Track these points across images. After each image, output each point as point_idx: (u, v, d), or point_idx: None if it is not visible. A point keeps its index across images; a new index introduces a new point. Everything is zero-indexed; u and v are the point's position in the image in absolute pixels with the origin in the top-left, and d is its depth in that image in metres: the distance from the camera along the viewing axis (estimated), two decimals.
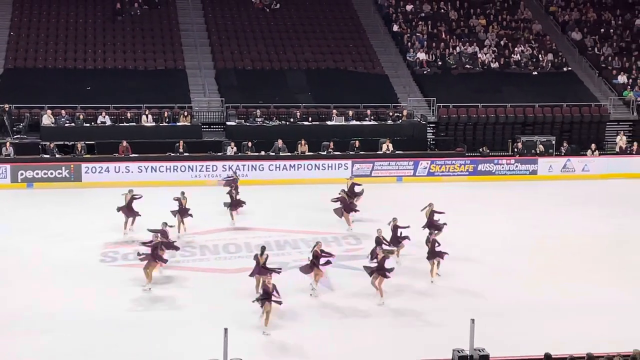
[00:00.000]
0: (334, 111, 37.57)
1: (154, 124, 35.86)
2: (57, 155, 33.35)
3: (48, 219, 27.96)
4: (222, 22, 44.21)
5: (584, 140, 38.95)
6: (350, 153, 35.07)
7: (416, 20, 45.33)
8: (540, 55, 43.62)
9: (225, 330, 15.01)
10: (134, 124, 35.81)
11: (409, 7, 46.32)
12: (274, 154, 34.49)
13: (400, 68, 42.53)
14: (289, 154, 34.60)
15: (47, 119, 34.91)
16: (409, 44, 43.45)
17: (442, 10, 46.64)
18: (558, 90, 41.15)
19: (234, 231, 26.68)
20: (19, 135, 34.66)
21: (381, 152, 35.31)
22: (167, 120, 36.04)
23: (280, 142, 34.64)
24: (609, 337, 18.00)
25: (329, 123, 37.20)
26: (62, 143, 34.18)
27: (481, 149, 37.01)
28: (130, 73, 39.76)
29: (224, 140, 35.73)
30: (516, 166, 35.77)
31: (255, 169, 33.18)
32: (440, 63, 42.48)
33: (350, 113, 37.48)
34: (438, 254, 22.08)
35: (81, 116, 35.41)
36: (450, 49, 43.36)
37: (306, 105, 38.51)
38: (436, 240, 22.22)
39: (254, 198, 28.28)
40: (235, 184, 28.34)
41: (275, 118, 37.18)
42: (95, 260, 23.69)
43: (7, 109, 35.15)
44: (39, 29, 42.00)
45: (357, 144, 35.24)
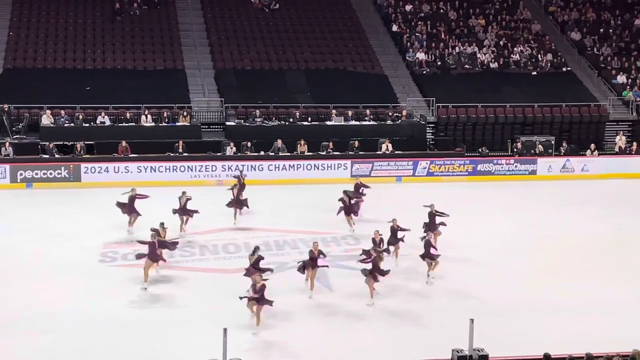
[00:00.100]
0: (334, 111, 37.58)
1: (153, 124, 35.87)
2: (57, 156, 33.35)
3: (47, 219, 27.95)
4: (222, 22, 44.20)
5: (583, 140, 38.97)
6: (350, 153, 35.07)
7: (415, 21, 45.34)
8: (539, 55, 43.63)
9: (225, 330, 15.02)
10: (133, 124, 35.81)
11: (408, 7, 46.33)
12: (273, 154, 34.50)
13: (399, 68, 42.54)
14: (289, 154, 34.61)
15: (47, 119, 34.91)
16: (408, 44, 43.46)
17: (442, 11, 46.64)
18: (557, 90, 41.17)
19: (233, 231, 26.69)
20: (18, 136, 34.65)
21: (380, 152, 35.32)
22: (167, 120, 36.05)
23: (279, 142, 34.65)
24: (609, 337, 18.00)
25: (329, 123, 37.21)
26: (62, 143, 34.20)
27: (480, 149, 37.02)
28: (130, 73, 39.76)
29: (224, 140, 35.73)
30: (515, 166, 35.78)
31: (255, 169, 33.15)
32: (439, 63, 42.48)
33: (350, 113, 37.50)
34: (428, 255, 22.03)
35: (80, 116, 35.43)
36: (450, 49, 43.36)
37: (305, 105, 38.53)
38: (429, 242, 22.12)
39: (253, 198, 28.22)
40: (240, 183, 28.42)
41: (274, 118, 37.19)
42: (95, 260, 23.70)
43: (7, 109, 35.17)
44: (38, 29, 41.99)
45: (357, 144, 35.25)
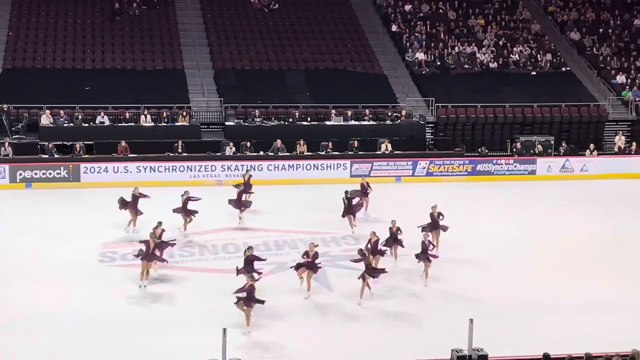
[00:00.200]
0: (333, 111, 37.57)
1: (153, 124, 35.87)
2: (56, 155, 33.35)
3: (47, 219, 27.94)
4: (221, 22, 44.19)
5: (582, 140, 38.97)
6: (349, 153, 35.07)
7: (415, 20, 45.34)
8: (539, 55, 43.63)
9: (224, 330, 15.02)
10: (133, 124, 35.81)
11: (408, 7, 46.33)
12: (272, 154, 34.51)
13: (399, 68, 42.54)
14: (288, 154, 34.61)
15: (46, 119, 34.90)
16: (408, 44, 43.45)
17: (441, 10, 46.64)
18: (557, 90, 41.17)
19: (233, 231, 26.67)
20: (17, 135, 34.64)
21: (380, 152, 35.31)
22: (166, 120, 36.05)
23: (279, 142, 34.65)
24: (608, 337, 18.00)
25: (328, 123, 37.21)
26: (61, 143, 34.20)
27: (480, 149, 37.02)
28: (129, 73, 39.74)
29: (223, 140, 35.73)
30: (515, 166, 35.78)
31: (254, 169, 33.10)
32: (439, 63, 42.48)
33: (349, 113, 37.50)
34: (422, 256, 21.98)
35: (80, 116, 35.43)
36: (449, 49, 43.37)
37: (305, 105, 38.53)
38: (424, 242, 22.05)
39: (253, 198, 28.24)
40: (246, 182, 28.53)
41: (274, 118, 37.18)
42: (94, 260, 23.69)
43: (6, 109, 35.17)
44: (38, 29, 41.98)
45: (356, 144, 35.25)
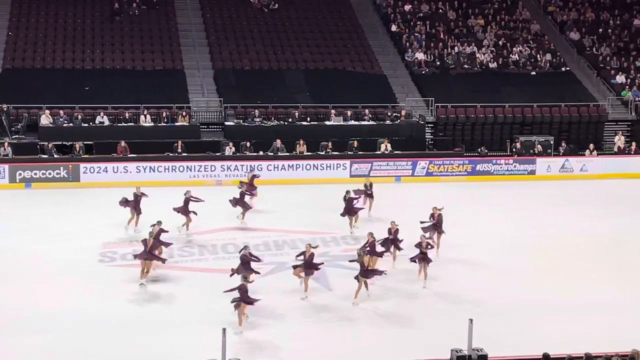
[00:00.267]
0: (333, 111, 37.57)
1: (152, 124, 35.86)
2: (56, 155, 33.35)
3: (46, 219, 27.92)
4: (221, 22, 44.19)
5: (582, 140, 38.99)
6: (349, 153, 35.07)
7: (414, 20, 45.34)
8: (538, 55, 43.64)
9: (224, 330, 15.03)
10: (132, 124, 35.80)
11: (407, 7, 46.33)
12: (272, 154, 34.51)
13: (398, 68, 42.54)
14: (288, 154, 34.61)
15: (46, 119, 34.90)
16: (407, 44, 43.46)
17: (441, 11, 46.64)
18: (556, 90, 41.18)
19: (232, 231, 26.67)
20: (17, 135, 34.64)
21: (380, 152, 35.31)
22: (166, 120, 36.05)
23: (278, 142, 34.65)
24: (608, 337, 17.99)
25: (328, 123, 37.22)
26: (61, 143, 34.21)
27: (479, 149, 37.03)
28: (129, 73, 39.74)
29: (223, 140, 35.73)
30: (514, 166, 35.78)
31: (254, 169, 33.12)
32: (438, 63, 42.48)
33: (349, 113, 37.50)
34: (419, 257, 21.95)
35: (79, 116, 35.43)
36: (449, 49, 43.37)
37: (305, 105, 38.54)
38: (422, 244, 22.01)
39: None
40: (250, 183, 28.55)
41: (273, 118, 37.19)
42: (94, 260, 23.69)
43: (5, 109, 35.16)
44: (37, 29, 41.97)
45: (356, 144, 35.25)
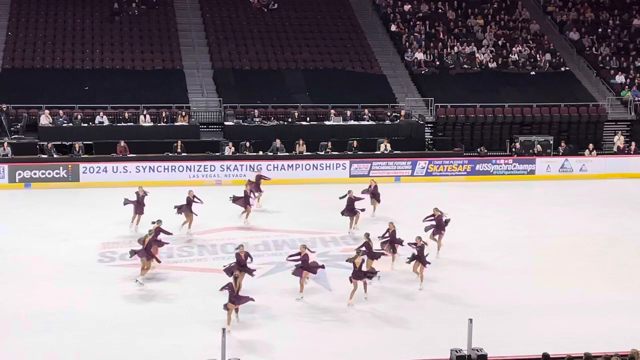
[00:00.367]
0: (332, 111, 37.58)
1: (152, 124, 35.88)
2: (55, 155, 33.37)
3: (46, 219, 27.93)
4: (220, 22, 44.21)
5: (581, 140, 39.01)
6: (348, 153, 35.07)
7: (414, 20, 45.35)
8: (538, 55, 43.65)
9: (224, 330, 15.05)
10: (132, 124, 35.82)
11: (407, 7, 46.33)
12: (272, 154, 34.51)
13: (398, 68, 42.55)
14: (287, 154, 34.62)
15: (45, 119, 34.91)
16: (407, 43, 43.46)
17: (440, 10, 46.65)
18: (556, 90, 41.20)
19: (232, 231, 26.67)
20: (16, 135, 34.65)
21: (379, 152, 35.32)
22: (165, 120, 36.06)
23: (278, 142, 34.66)
24: (607, 337, 18.01)
25: (327, 123, 37.23)
26: (60, 143, 34.23)
27: (479, 149, 37.04)
28: (128, 73, 39.75)
29: (222, 140, 35.74)
30: (514, 166, 35.79)
31: (253, 169, 33.14)
32: (438, 63, 42.49)
33: (348, 113, 37.51)
34: (416, 258, 21.96)
35: (79, 116, 35.45)
36: (448, 49, 43.38)
37: (304, 105, 38.55)
38: (420, 245, 22.02)
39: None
40: (256, 182, 28.62)
41: (273, 118, 37.21)
42: (93, 260, 23.69)
43: (5, 108, 35.18)
44: (37, 29, 41.99)
45: (355, 144, 35.25)
